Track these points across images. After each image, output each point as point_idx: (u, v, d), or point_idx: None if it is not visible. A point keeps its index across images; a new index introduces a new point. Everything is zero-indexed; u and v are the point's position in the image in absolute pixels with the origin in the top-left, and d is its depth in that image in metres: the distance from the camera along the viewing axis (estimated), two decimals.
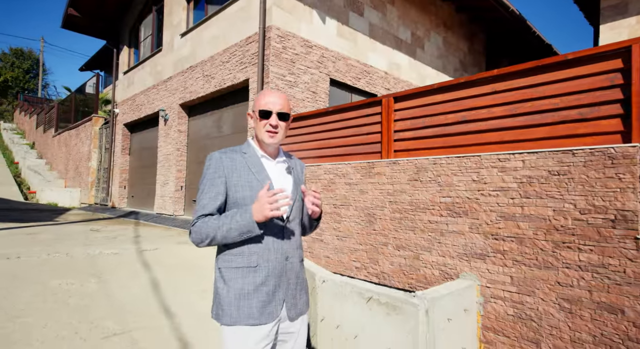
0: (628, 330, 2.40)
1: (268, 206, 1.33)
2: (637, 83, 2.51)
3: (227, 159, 1.50)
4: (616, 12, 7.53)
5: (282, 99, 1.53)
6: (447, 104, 3.64)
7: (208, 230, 1.39)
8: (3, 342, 2.19)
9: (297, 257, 1.56)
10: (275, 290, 1.46)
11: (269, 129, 1.50)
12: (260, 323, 1.41)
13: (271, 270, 1.46)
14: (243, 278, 1.44)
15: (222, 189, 1.47)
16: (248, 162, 1.52)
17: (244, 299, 1.42)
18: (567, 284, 2.68)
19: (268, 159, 1.57)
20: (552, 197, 2.80)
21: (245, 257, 1.44)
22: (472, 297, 3.16)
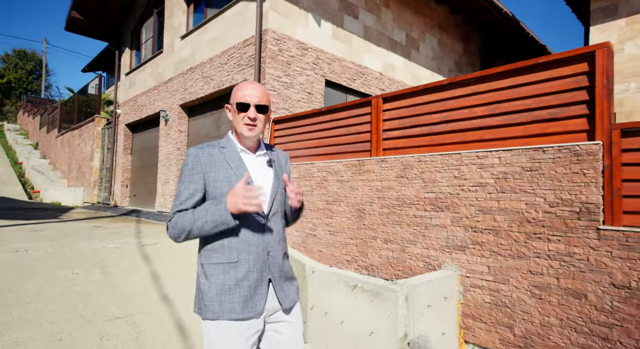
0: (590, 313, 2.59)
1: (242, 200, 1.31)
2: (600, 85, 2.71)
3: (205, 155, 1.48)
4: (606, 14, 7.71)
5: (260, 91, 1.49)
6: (432, 105, 3.84)
7: (184, 223, 1.38)
8: (17, 322, 2.41)
9: (280, 251, 1.53)
10: (258, 285, 1.44)
11: (247, 122, 1.47)
12: (243, 317, 1.39)
13: (252, 265, 1.44)
14: (224, 273, 1.42)
15: (200, 185, 1.45)
16: (227, 157, 1.49)
17: (226, 295, 1.40)
18: (538, 273, 2.87)
19: (247, 153, 1.54)
20: (525, 191, 3.00)
21: (225, 252, 1.43)
22: (453, 286, 3.36)
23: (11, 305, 2.65)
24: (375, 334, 2.84)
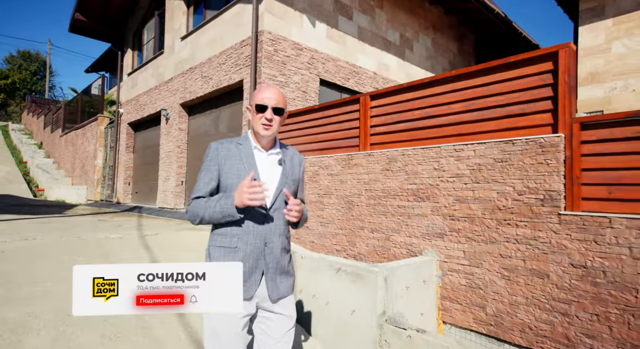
0: (552, 291, 2.82)
1: (246, 195, 1.44)
2: (563, 82, 2.94)
3: (223, 149, 1.64)
4: (594, 14, 7.90)
5: (278, 94, 1.63)
6: (414, 102, 4.07)
7: (198, 210, 1.55)
8: (31, 297, 2.66)
9: (279, 245, 1.62)
10: (252, 272, 1.55)
11: (264, 122, 1.61)
12: None
13: (249, 253, 1.56)
14: (224, 256, 1.56)
15: (215, 175, 1.62)
16: (241, 153, 1.64)
17: None
18: (507, 256, 3.11)
19: (260, 151, 1.67)
20: (496, 181, 3.23)
21: (227, 238, 1.57)
22: (432, 271, 3.59)
23: (24, 284, 2.90)
24: (356, 312, 3.08)
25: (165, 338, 2.47)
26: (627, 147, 2.65)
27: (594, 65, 7.83)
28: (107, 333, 2.41)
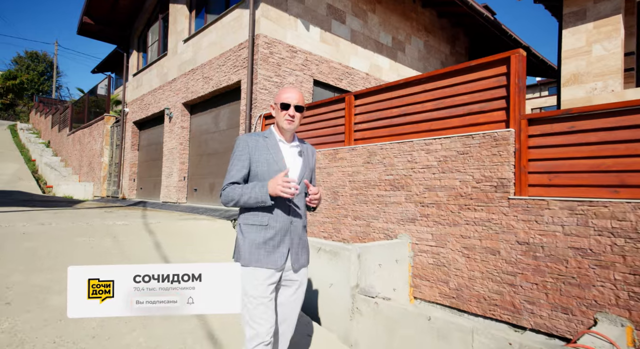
0: (501, 266, 3.24)
1: (280, 187, 1.68)
2: (514, 84, 3.35)
3: (252, 141, 1.88)
4: (576, 18, 8.27)
5: (299, 94, 1.91)
6: (393, 101, 4.49)
7: (234, 195, 1.78)
8: (51, 268, 3.12)
9: (300, 223, 1.91)
10: (280, 245, 1.82)
11: (288, 118, 1.87)
12: (265, 266, 1.78)
13: (278, 229, 1.82)
14: (256, 232, 1.81)
15: (247, 163, 1.85)
16: (268, 144, 1.88)
17: (255, 249, 1.79)
18: (467, 236, 3.52)
19: (284, 143, 1.93)
20: (459, 171, 3.65)
21: (259, 217, 1.82)
22: (405, 252, 4.01)
23: (44, 258, 3.36)
24: (334, 285, 3.51)
25: None
26: (563, 140, 3.06)
27: (576, 67, 8.21)
28: None
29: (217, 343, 2.51)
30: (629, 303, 2.57)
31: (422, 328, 2.78)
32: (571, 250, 2.86)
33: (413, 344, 2.82)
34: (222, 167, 7.66)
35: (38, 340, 2.17)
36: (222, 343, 2.53)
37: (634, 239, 2.58)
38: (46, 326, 2.33)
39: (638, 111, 2.71)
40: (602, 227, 2.72)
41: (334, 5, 7.83)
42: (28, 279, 2.92)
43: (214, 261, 4.08)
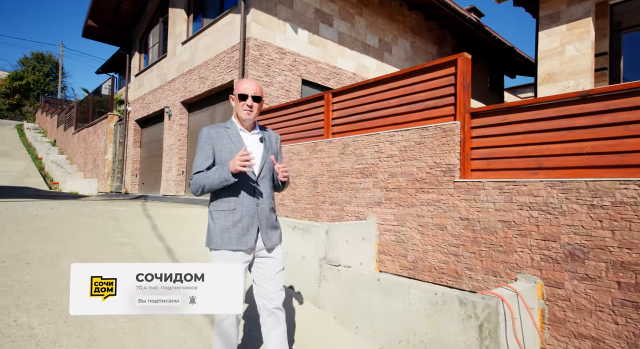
0: (448, 239, 3.75)
1: (238, 162, 1.77)
2: (460, 83, 3.86)
3: (214, 132, 2.00)
4: (551, 21, 8.75)
5: (256, 85, 1.99)
6: (364, 98, 5.00)
7: (200, 181, 1.89)
8: (62, 240, 3.67)
9: (267, 205, 2.03)
10: (249, 227, 1.94)
11: (246, 109, 1.96)
12: (237, 249, 1.91)
13: (245, 212, 1.94)
14: (225, 217, 1.92)
15: (211, 153, 1.96)
16: (229, 134, 2.00)
17: (226, 232, 1.91)
18: (421, 216, 4.04)
19: (245, 132, 2.04)
20: (416, 159, 4.16)
21: (226, 203, 1.94)
22: (372, 231, 4.53)
23: (54, 233, 3.91)
24: (305, 258, 4.03)
25: None
26: (497, 131, 3.57)
27: (550, 67, 8.69)
28: (125, 254, 3.40)
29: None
30: (540, 264, 3.08)
31: (373, 288, 3.30)
32: (500, 223, 3.37)
33: (367, 300, 3.34)
34: None
35: (54, 288, 2.71)
36: None
37: (544, 212, 3.09)
38: (59, 279, 2.87)
39: (550, 106, 3.22)
40: (523, 203, 3.23)
41: (322, 10, 8.36)
42: (42, 247, 3.47)
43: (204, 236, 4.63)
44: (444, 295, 2.78)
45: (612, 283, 2.70)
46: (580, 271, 2.86)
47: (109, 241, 3.97)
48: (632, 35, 9.22)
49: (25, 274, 2.86)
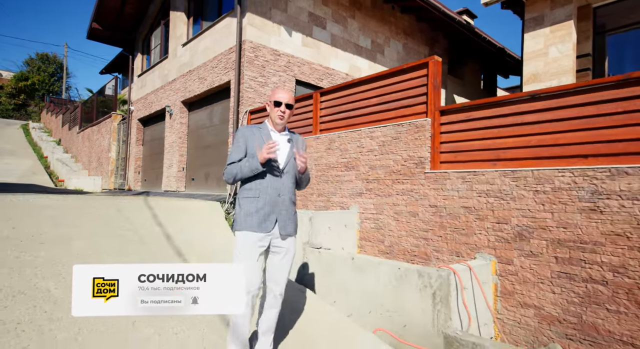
0: (419, 225, 4.15)
1: (265, 150, 2.07)
2: (431, 83, 4.25)
3: (248, 131, 2.30)
4: (536, 23, 9.11)
5: (289, 95, 2.30)
6: (348, 97, 5.40)
7: (233, 170, 2.20)
8: (72, 225, 4.09)
9: (288, 197, 2.27)
10: (270, 214, 2.19)
11: (280, 114, 2.26)
12: (257, 231, 2.16)
13: (267, 200, 2.19)
14: (249, 204, 2.20)
15: (243, 149, 2.25)
16: (262, 133, 2.29)
17: (249, 216, 2.18)
18: (397, 204, 4.44)
19: (275, 133, 2.32)
20: (392, 153, 4.56)
21: (252, 191, 2.22)
22: (354, 219, 4.93)
23: (63, 219, 4.33)
24: None
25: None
26: (463, 127, 3.96)
27: (535, 67, 9.06)
28: (127, 238, 3.82)
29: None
30: (495, 244, 3.48)
31: (348, 266, 3.71)
32: (462, 209, 3.77)
33: (343, 277, 3.74)
34: (216, 158, 8.62)
35: (66, 262, 3.13)
36: None
37: (498, 198, 3.48)
38: (70, 256, 3.29)
39: (506, 104, 3.61)
40: (481, 191, 3.63)
41: (315, 13, 8.76)
42: (54, 231, 3.89)
43: (202, 225, 5.04)
44: (406, 269, 3.18)
45: (550, 258, 3.10)
46: (526, 248, 3.26)
47: (112, 227, 4.40)
48: (616, 37, 9.57)
49: (40, 251, 3.28)
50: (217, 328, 2.61)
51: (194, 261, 3.63)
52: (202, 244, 4.36)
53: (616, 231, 2.78)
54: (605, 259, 2.82)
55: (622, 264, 2.74)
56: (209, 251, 4.11)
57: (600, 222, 2.86)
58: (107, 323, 2.35)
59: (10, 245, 3.29)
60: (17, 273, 2.78)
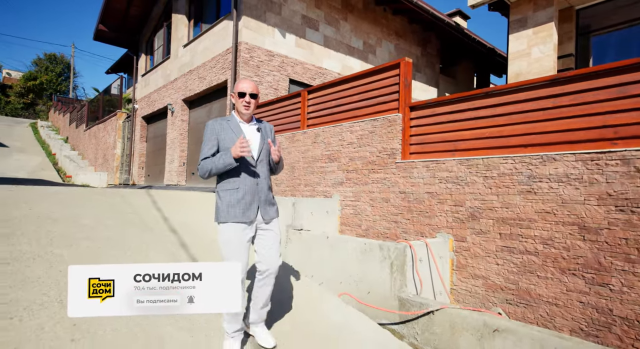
0: (390, 209, 4.61)
1: (239, 148, 2.10)
2: (402, 82, 4.71)
3: (217, 125, 2.33)
4: (519, 25, 9.51)
5: (252, 85, 2.32)
6: (332, 95, 5.87)
7: (207, 166, 2.22)
8: (79, 207, 4.60)
9: (265, 185, 2.36)
10: (251, 203, 2.26)
11: (245, 104, 2.30)
12: (241, 221, 2.23)
13: (247, 190, 2.26)
14: (230, 195, 2.25)
15: (215, 143, 2.28)
16: (230, 125, 2.32)
17: (232, 208, 2.24)
18: (372, 191, 4.90)
19: (243, 124, 2.37)
20: (369, 145, 5.02)
21: (231, 183, 2.27)
22: (335, 206, 5.40)
23: (73, 203, 4.85)
24: None
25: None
26: (428, 121, 4.42)
27: (519, 67, 9.47)
28: (129, 219, 4.32)
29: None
30: (452, 224, 3.93)
31: (324, 244, 4.18)
32: (426, 194, 4.23)
33: (320, 253, 4.22)
34: None
35: (78, 237, 3.63)
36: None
37: (455, 183, 3.94)
38: (80, 232, 3.79)
39: (463, 100, 4.06)
40: (442, 177, 4.08)
41: (308, 16, 9.23)
42: (65, 211, 4.41)
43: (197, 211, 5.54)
44: (370, 244, 3.66)
45: (496, 234, 3.56)
46: (477, 227, 3.72)
47: (117, 211, 4.90)
48: (600, 38, 9.98)
49: (55, 227, 3.79)
50: None
51: (187, 237, 4.13)
52: (196, 225, 4.85)
53: (546, 209, 3.23)
54: (537, 234, 3.27)
55: (549, 237, 3.19)
56: (201, 230, 4.60)
57: (534, 202, 3.32)
58: None
59: (29, 221, 3.80)
60: (36, 242, 3.29)
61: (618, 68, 3.04)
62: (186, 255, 3.67)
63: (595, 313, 2.87)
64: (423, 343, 3.01)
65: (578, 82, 3.25)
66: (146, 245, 3.79)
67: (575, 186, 3.07)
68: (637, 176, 2.75)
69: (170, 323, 2.46)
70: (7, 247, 3.12)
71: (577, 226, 3.03)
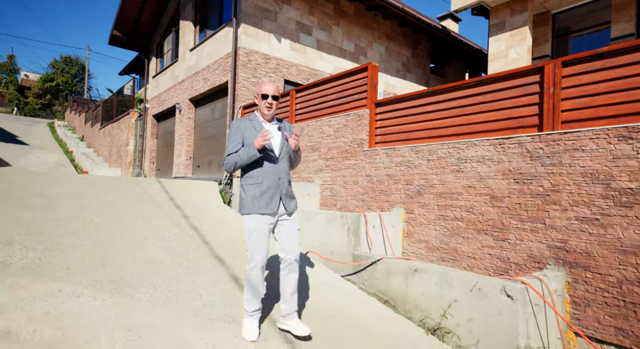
0: (360, 190, 5.47)
1: (260, 138, 2.29)
2: (369, 83, 5.56)
3: (242, 124, 2.50)
4: (498, 28, 10.26)
5: (274, 87, 2.49)
6: (315, 94, 6.74)
7: (233, 159, 2.40)
8: (100, 187, 5.55)
9: (286, 179, 2.53)
10: (273, 196, 2.43)
11: (267, 106, 2.47)
12: (264, 213, 2.40)
13: (269, 184, 2.42)
14: (254, 189, 2.41)
15: (240, 140, 2.45)
16: (254, 124, 2.50)
17: (256, 200, 2.40)
18: (345, 176, 5.76)
19: (265, 123, 2.54)
20: (343, 136, 5.89)
21: (255, 178, 2.43)
22: (316, 190, 6.27)
23: (96, 184, 5.81)
24: None
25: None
26: (390, 115, 5.26)
27: (497, 68, 10.23)
28: (141, 198, 5.27)
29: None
30: (404, 200, 4.78)
31: (301, 216, 5.06)
32: (385, 176, 5.08)
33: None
34: (217, 147, 10.07)
35: (102, 208, 4.57)
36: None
37: (407, 166, 4.78)
38: (103, 205, 4.73)
39: (415, 97, 4.90)
40: (397, 162, 4.93)
41: (302, 22, 10.11)
42: (91, 190, 5.36)
43: (200, 194, 6.46)
44: (333, 215, 4.53)
45: (435, 206, 4.40)
46: (422, 201, 4.56)
47: (131, 192, 5.85)
48: (579, 40, 10.70)
49: (83, 201, 4.74)
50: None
51: (188, 211, 5.05)
52: (196, 203, 5.78)
53: (469, 184, 4.07)
54: (462, 204, 4.10)
55: (471, 206, 4.02)
56: (199, 207, 5.52)
57: (461, 178, 4.15)
58: (128, 230, 3.78)
59: (62, 197, 4.77)
60: (70, 210, 4.24)
61: (519, 73, 3.85)
62: (186, 223, 4.59)
63: (499, 261, 3.71)
64: (368, 286, 3.87)
65: (493, 83, 4.07)
66: (155, 215, 4.72)
67: (488, 165, 3.90)
68: (527, 156, 3.58)
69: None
70: (50, 213, 4.08)
71: (489, 196, 3.86)
